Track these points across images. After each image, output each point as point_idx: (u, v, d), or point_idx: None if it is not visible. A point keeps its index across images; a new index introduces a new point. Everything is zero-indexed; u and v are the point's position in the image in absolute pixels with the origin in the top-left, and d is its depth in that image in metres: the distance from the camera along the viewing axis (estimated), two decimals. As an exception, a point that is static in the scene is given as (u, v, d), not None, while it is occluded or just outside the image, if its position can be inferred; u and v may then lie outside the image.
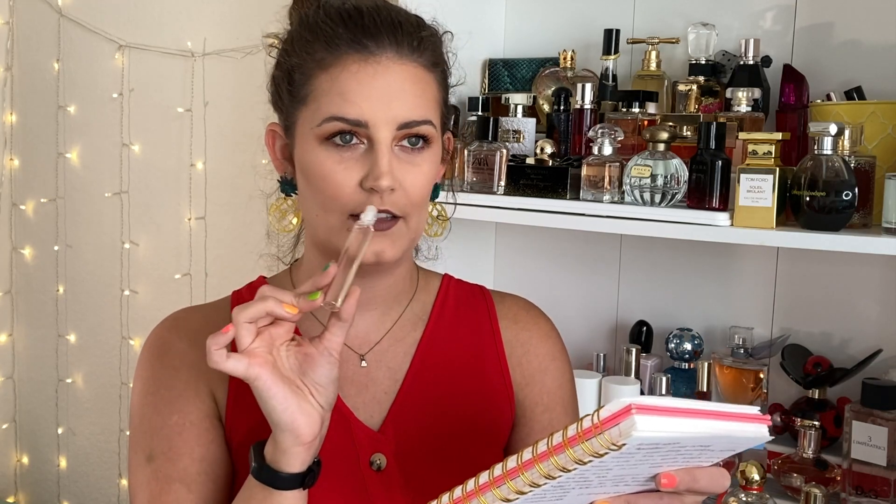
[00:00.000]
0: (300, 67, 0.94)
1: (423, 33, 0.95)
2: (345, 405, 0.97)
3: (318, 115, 0.91)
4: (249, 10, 2.16)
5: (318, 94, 0.91)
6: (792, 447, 1.46)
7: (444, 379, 1.02)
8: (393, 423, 0.98)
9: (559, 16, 1.81)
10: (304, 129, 0.93)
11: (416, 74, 0.93)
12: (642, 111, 1.54)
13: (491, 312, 1.07)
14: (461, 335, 1.05)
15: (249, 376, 0.81)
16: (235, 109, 2.19)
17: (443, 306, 1.06)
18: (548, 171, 1.51)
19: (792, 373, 1.53)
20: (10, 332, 2.61)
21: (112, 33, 2.34)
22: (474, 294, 1.10)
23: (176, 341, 1.00)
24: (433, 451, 0.98)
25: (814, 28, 1.56)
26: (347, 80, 0.90)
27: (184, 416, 0.96)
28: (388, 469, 0.96)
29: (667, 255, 1.71)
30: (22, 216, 2.55)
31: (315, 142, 0.91)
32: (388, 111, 0.90)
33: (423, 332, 1.03)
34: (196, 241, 2.27)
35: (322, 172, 0.91)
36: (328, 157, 0.90)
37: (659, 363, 1.67)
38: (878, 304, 1.53)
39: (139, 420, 0.98)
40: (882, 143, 1.36)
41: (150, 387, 0.98)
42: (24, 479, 2.65)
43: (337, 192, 0.90)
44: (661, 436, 0.67)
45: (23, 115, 2.52)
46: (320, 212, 0.93)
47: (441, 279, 1.10)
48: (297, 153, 0.95)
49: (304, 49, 0.94)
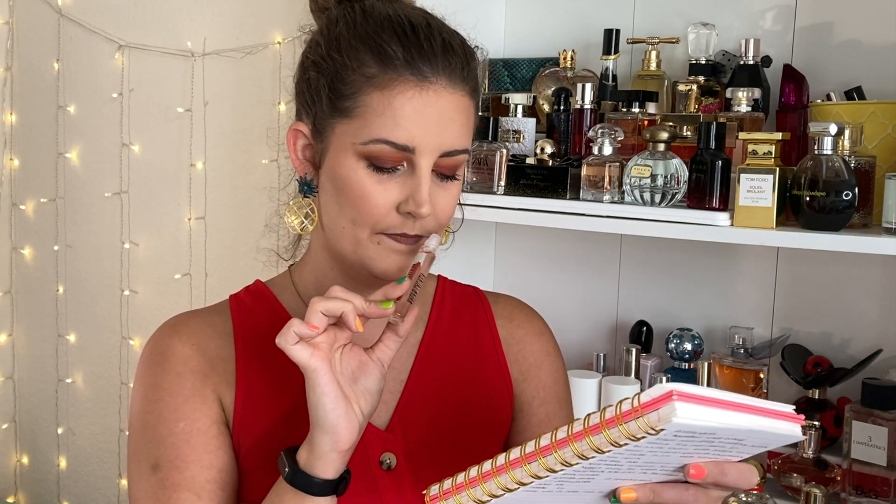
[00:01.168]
0: (346, 78, 0.91)
1: (472, 62, 0.95)
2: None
3: (366, 134, 0.90)
4: (249, 10, 2.16)
5: (368, 113, 0.90)
6: (792, 447, 1.46)
7: (446, 377, 1.03)
8: (400, 422, 0.99)
9: (559, 16, 1.81)
10: (344, 141, 0.91)
11: (463, 103, 0.93)
12: (642, 111, 1.54)
13: (487, 312, 1.09)
14: (460, 334, 1.07)
15: (310, 366, 0.82)
16: (235, 109, 2.19)
17: (441, 307, 1.07)
18: (548, 171, 1.51)
19: (792, 373, 1.53)
20: (10, 332, 2.61)
21: (112, 33, 2.34)
22: (469, 295, 1.11)
23: (178, 346, 0.98)
24: (440, 448, 0.99)
25: (814, 28, 1.56)
26: (402, 105, 0.89)
27: (191, 423, 0.94)
28: (399, 468, 0.97)
29: (667, 255, 1.71)
30: (22, 216, 2.55)
31: (355, 157, 0.90)
32: (436, 139, 0.90)
33: (423, 332, 1.05)
34: (196, 241, 2.27)
35: (361, 191, 0.90)
36: (368, 176, 0.90)
37: (659, 363, 1.67)
38: (878, 304, 1.53)
39: (142, 428, 0.96)
40: (882, 143, 1.36)
41: (154, 394, 0.96)
42: (24, 479, 2.65)
43: (372, 212, 0.90)
44: (699, 424, 0.67)
45: (23, 115, 2.52)
46: (348, 225, 0.92)
47: (436, 281, 1.11)
48: (330, 162, 0.93)
49: (351, 57, 0.91)
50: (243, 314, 1.01)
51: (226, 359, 0.98)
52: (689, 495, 0.76)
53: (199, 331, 0.99)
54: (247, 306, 1.03)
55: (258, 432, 0.96)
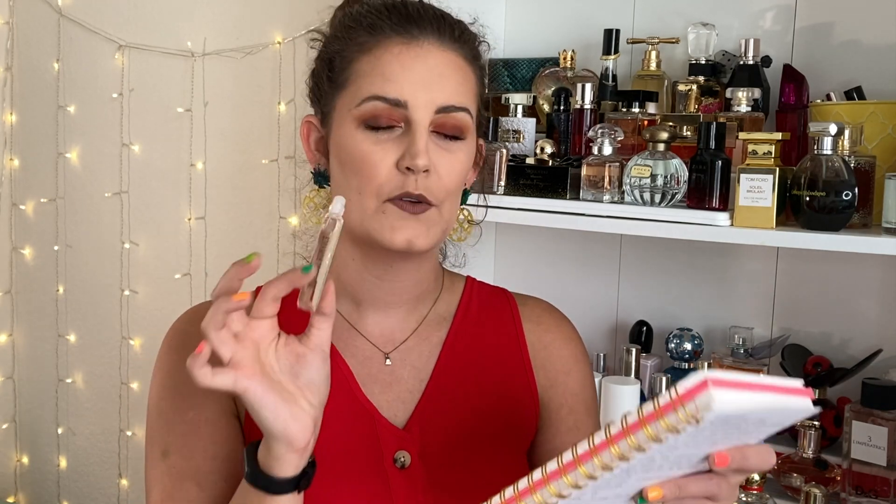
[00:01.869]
0: (340, 53, 0.95)
1: (463, 25, 0.97)
2: (370, 402, 0.97)
3: (358, 96, 0.92)
4: (249, 10, 2.16)
5: (359, 76, 0.92)
6: (792, 447, 1.46)
7: (469, 379, 1.01)
8: (419, 421, 0.98)
9: (559, 16, 1.81)
10: (343, 112, 0.93)
11: (457, 62, 0.94)
12: (642, 111, 1.54)
13: (515, 314, 1.07)
14: (485, 336, 1.05)
15: (238, 390, 0.78)
16: (235, 109, 2.18)
17: (467, 307, 1.06)
18: (548, 171, 1.51)
19: (792, 373, 1.53)
20: (10, 332, 2.61)
21: (112, 33, 2.34)
22: (497, 296, 1.09)
23: (196, 333, 0.93)
24: (457, 451, 0.98)
25: (814, 28, 1.56)
26: (389, 62, 0.91)
27: (200, 412, 0.94)
28: (413, 467, 0.95)
29: (667, 255, 1.71)
30: (22, 216, 2.55)
31: (353, 125, 0.92)
32: (428, 93, 0.91)
33: (447, 331, 1.03)
34: (196, 241, 2.27)
35: (360, 154, 0.91)
36: (365, 138, 0.91)
37: (659, 363, 1.67)
38: (878, 304, 1.53)
39: (157, 414, 0.96)
40: (882, 143, 1.36)
41: (169, 381, 0.96)
42: (24, 479, 2.65)
43: (373, 173, 0.90)
44: (735, 409, 0.67)
45: (23, 115, 2.52)
46: (355, 196, 0.92)
47: (465, 281, 1.10)
48: (334, 139, 0.95)
49: (346, 35, 0.95)
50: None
51: None
52: (712, 485, 0.75)
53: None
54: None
55: None
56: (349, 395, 0.97)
